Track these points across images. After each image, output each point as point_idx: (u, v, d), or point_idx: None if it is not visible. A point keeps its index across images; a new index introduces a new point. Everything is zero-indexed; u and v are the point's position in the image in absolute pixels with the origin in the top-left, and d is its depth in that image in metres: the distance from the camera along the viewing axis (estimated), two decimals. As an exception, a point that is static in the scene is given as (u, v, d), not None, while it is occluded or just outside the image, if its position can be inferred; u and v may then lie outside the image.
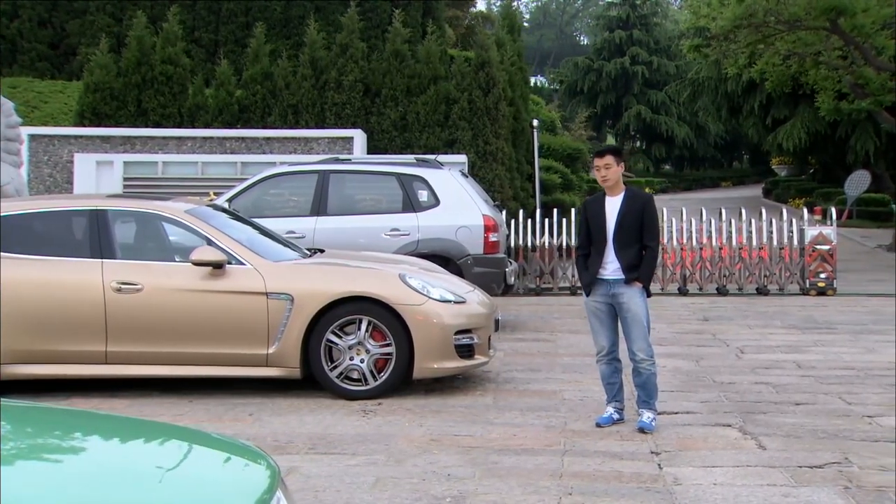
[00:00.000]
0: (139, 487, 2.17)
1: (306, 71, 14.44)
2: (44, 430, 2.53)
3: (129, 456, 2.42)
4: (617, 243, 5.74)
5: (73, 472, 2.23)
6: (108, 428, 2.64)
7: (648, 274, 5.82)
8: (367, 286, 6.67)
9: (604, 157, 5.74)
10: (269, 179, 9.95)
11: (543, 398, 6.64)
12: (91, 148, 13.56)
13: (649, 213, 5.79)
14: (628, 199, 5.78)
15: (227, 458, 2.48)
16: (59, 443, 2.44)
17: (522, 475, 4.80)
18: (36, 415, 2.71)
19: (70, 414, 2.90)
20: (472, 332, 6.81)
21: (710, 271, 13.09)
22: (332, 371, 6.66)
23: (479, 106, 14.27)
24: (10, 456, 2.24)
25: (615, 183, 5.77)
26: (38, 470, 2.23)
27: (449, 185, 9.80)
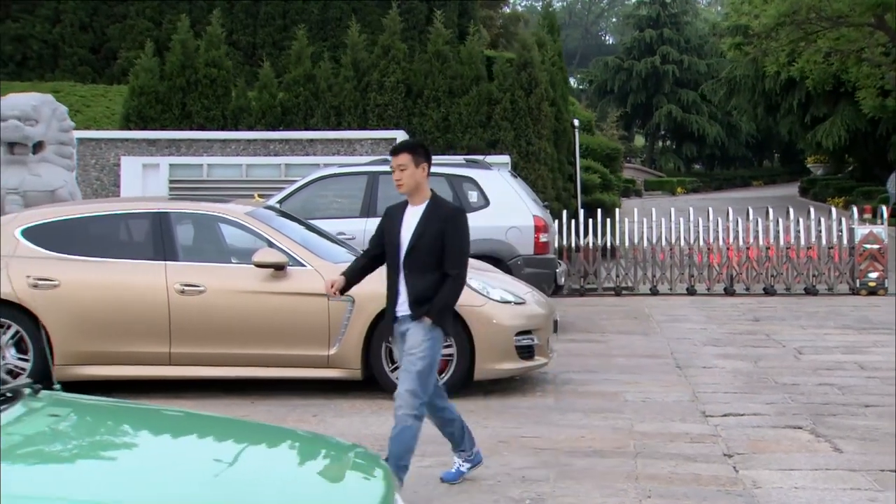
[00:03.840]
0: (270, 490, 2.17)
1: (348, 73, 14.47)
2: (174, 432, 2.54)
3: (254, 459, 2.43)
4: (407, 268, 4.52)
5: (200, 475, 2.23)
6: (226, 431, 2.65)
7: (442, 306, 4.50)
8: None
9: (398, 156, 4.55)
10: (318, 181, 9.98)
11: (605, 400, 6.60)
12: (137, 151, 13.67)
13: (454, 233, 4.52)
14: (429, 211, 4.51)
15: (346, 460, 2.48)
16: (184, 445, 2.45)
17: (597, 477, 4.77)
18: (161, 419, 2.72)
19: (189, 417, 2.91)
20: (532, 333, 6.79)
21: (757, 271, 12.95)
22: (392, 372, 6.66)
23: (522, 106, 14.24)
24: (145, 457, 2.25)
25: (414, 189, 4.53)
26: (189, 473, 2.23)
27: (498, 185, 9.78)
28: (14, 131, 9.56)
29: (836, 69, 20.59)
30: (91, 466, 2.26)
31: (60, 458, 2.31)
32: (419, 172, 4.55)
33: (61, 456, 2.33)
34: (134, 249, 6.78)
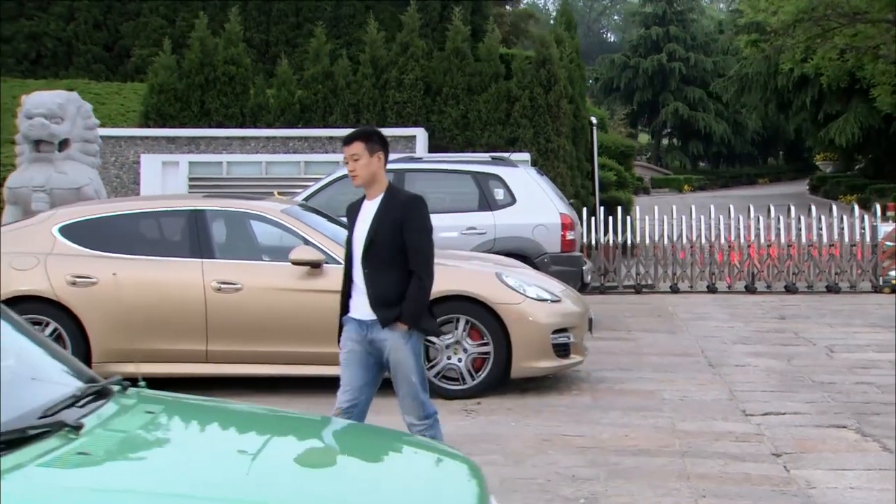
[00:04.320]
0: (375, 490, 2.16)
1: (367, 70, 14.45)
2: (268, 431, 2.53)
3: (355, 459, 2.42)
4: (367, 266, 4.18)
5: (316, 473, 2.22)
6: (313, 430, 2.64)
7: (414, 311, 4.18)
8: (465, 285, 6.65)
9: (350, 145, 4.21)
10: (344, 179, 9.94)
11: (642, 398, 6.58)
12: (157, 149, 13.67)
13: (414, 225, 4.16)
14: (385, 202, 4.19)
15: (439, 461, 2.46)
16: (286, 444, 2.44)
17: (647, 476, 4.75)
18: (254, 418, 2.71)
19: (272, 415, 2.90)
20: (568, 332, 6.77)
21: (779, 269, 12.91)
22: (429, 370, 6.64)
23: (541, 103, 14.20)
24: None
25: (369, 180, 4.20)
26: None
27: (525, 183, 9.75)
28: (41, 129, 9.56)
29: (851, 66, 20.52)
30: (215, 465, 2.26)
31: (180, 456, 2.31)
32: (374, 162, 4.20)
33: (179, 453, 2.33)
34: (170, 247, 6.77)
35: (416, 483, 2.24)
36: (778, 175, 57.14)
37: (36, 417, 2.25)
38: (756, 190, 47.12)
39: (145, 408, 2.52)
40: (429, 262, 4.27)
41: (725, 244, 13.08)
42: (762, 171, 58.28)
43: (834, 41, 19.16)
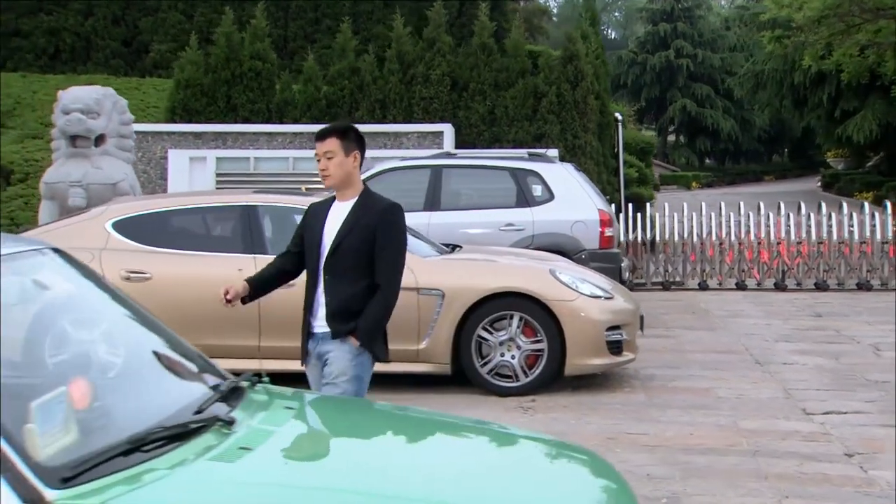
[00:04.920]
0: (528, 490, 2.12)
1: (393, 65, 14.40)
2: (406, 428, 2.50)
3: (489, 455, 2.39)
4: (328, 272, 3.78)
5: (467, 473, 2.19)
6: (453, 427, 2.62)
7: (371, 327, 3.76)
8: (519, 282, 6.61)
9: (324, 142, 3.81)
10: (380, 175, 9.91)
11: (697, 396, 6.54)
12: (184, 144, 13.63)
13: (388, 234, 3.80)
14: (360, 206, 3.81)
15: (586, 461, 2.43)
16: (428, 442, 2.41)
17: (723, 476, 4.71)
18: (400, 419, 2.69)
19: (402, 412, 2.88)
20: (621, 329, 6.73)
21: (809, 266, 12.86)
22: (482, 367, 6.62)
23: (568, 100, 14.15)
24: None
25: (343, 181, 3.82)
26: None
27: (563, 179, 9.71)
28: (77, 124, 9.52)
29: (871, 62, 20.43)
30: (373, 460, 2.24)
31: (335, 451, 2.29)
32: (349, 162, 3.81)
33: (334, 448, 2.31)
34: (223, 243, 6.74)
35: (569, 487, 2.21)
36: (783, 172, 56.99)
37: (191, 413, 2.23)
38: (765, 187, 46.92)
39: (283, 403, 2.51)
40: (398, 277, 3.88)
41: (755, 241, 13.03)
42: (767, 168, 58.15)
43: (856, 37, 19.08)
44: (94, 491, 1.86)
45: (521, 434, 2.70)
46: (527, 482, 2.14)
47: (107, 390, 2.30)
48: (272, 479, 2.04)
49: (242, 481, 2.02)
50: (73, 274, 2.56)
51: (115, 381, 2.39)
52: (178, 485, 1.94)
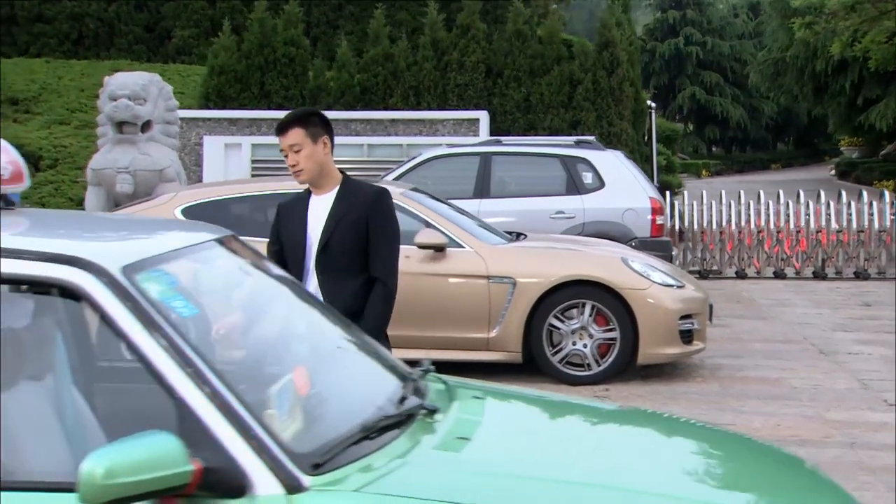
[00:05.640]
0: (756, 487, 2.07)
1: (427, 52, 14.30)
2: (599, 422, 2.45)
3: (694, 451, 2.33)
4: (322, 273, 3.50)
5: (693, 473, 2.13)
6: (651, 422, 2.58)
7: (380, 325, 3.58)
8: (592, 270, 6.55)
9: (286, 134, 3.46)
10: (429, 162, 9.84)
11: (771, 386, 6.48)
12: (218, 130, 13.56)
13: (381, 225, 3.52)
14: (344, 196, 3.49)
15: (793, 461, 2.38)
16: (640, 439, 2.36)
17: (829, 469, 4.63)
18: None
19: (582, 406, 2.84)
20: (692, 318, 6.67)
21: (849, 255, 12.78)
22: (554, 356, 6.56)
23: (604, 87, 14.05)
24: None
25: (317, 174, 3.48)
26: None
27: (613, 166, 9.64)
28: (125, 110, 9.45)
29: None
30: (586, 452, 2.20)
31: (547, 442, 2.26)
32: (320, 150, 3.45)
33: (544, 439, 2.28)
34: (292, 230, 6.67)
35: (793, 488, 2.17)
36: (789, 161, 56.75)
37: (395, 403, 2.19)
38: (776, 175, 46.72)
39: (468, 393, 2.48)
40: (396, 267, 3.64)
41: (794, 230, 12.95)
42: (773, 156, 57.94)
43: (885, 24, 18.94)
44: (344, 477, 1.84)
45: (697, 423, 2.65)
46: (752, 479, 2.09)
47: (313, 378, 2.25)
48: (501, 468, 2.01)
49: (476, 471, 1.99)
50: (248, 261, 2.51)
51: (316, 368, 2.35)
52: (419, 473, 1.92)
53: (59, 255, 1.95)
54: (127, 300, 1.90)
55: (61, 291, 2.00)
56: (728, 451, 2.41)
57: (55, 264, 1.93)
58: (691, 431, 2.58)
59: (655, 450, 2.33)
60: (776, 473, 2.26)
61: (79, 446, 2.22)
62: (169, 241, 2.27)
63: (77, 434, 2.28)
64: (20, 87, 17.89)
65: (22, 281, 2.01)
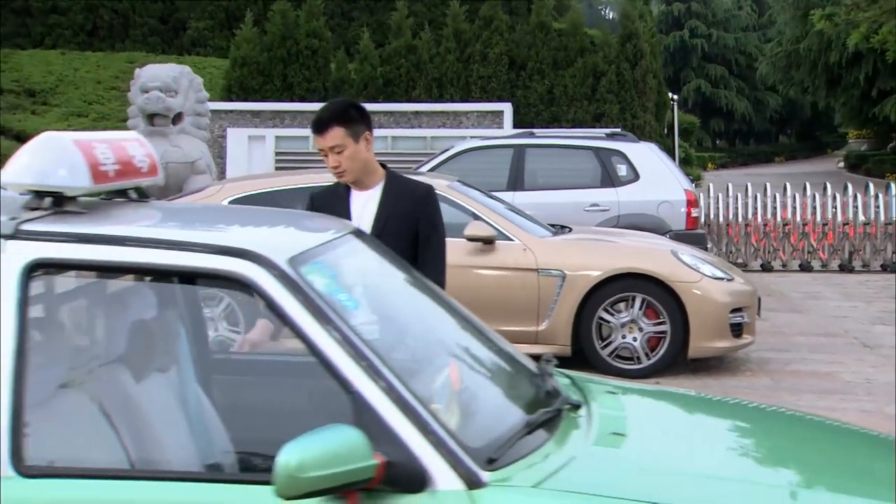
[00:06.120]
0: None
1: (450, 44, 14.24)
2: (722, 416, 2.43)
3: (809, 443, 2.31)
4: None
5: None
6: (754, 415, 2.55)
7: None
8: (643, 263, 6.51)
9: (324, 135, 3.16)
10: (461, 154, 9.78)
11: (823, 380, 6.44)
12: (242, 122, 13.50)
13: (431, 219, 3.35)
14: (390, 193, 3.27)
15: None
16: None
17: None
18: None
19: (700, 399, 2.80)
20: (742, 311, 6.62)
21: (877, 248, 12.73)
22: (603, 349, 6.52)
23: (627, 79, 14.00)
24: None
25: (361, 172, 3.23)
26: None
27: (648, 159, 9.59)
28: (157, 102, 9.39)
29: (916, 42, 20.20)
30: (733, 449, 2.17)
31: (693, 437, 2.24)
32: (362, 149, 3.17)
33: (688, 435, 2.25)
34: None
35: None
36: (793, 153, 56.63)
37: (540, 398, 2.15)
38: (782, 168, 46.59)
39: (600, 388, 2.45)
40: (445, 264, 3.45)
41: (821, 222, 12.89)
42: (777, 149, 57.82)
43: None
44: (517, 473, 1.81)
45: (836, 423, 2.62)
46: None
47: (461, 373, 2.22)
48: (663, 465, 1.99)
49: (643, 467, 1.96)
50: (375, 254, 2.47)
51: (461, 363, 2.31)
52: (590, 470, 1.89)
53: (229, 248, 1.93)
54: (297, 293, 1.88)
55: (231, 283, 1.99)
56: (869, 449, 2.37)
57: (225, 257, 1.91)
58: (815, 426, 2.54)
59: (795, 447, 2.29)
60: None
61: (202, 437, 2.21)
62: (316, 233, 2.24)
63: (201, 425, 2.27)
64: (37, 78, 17.83)
65: (192, 273, 1.99)
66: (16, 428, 1.81)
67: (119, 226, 2.03)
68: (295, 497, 1.68)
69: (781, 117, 57.24)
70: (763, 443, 2.31)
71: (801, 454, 2.21)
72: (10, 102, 16.64)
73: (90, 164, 2.03)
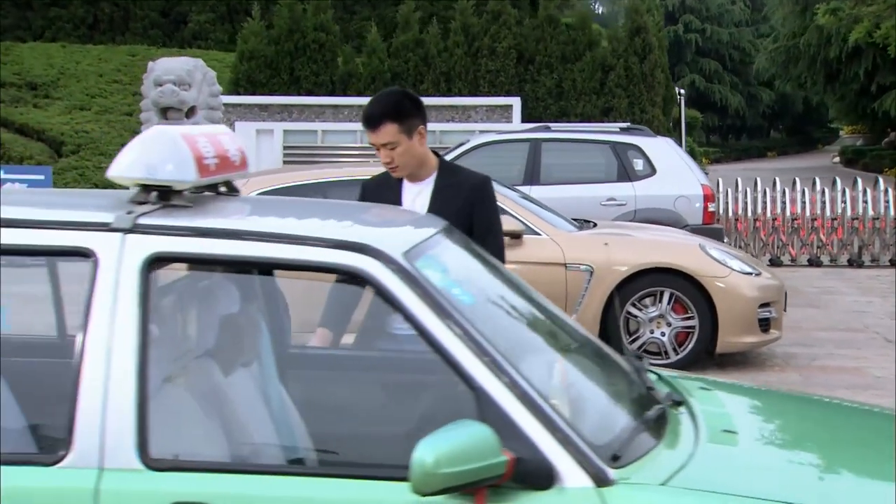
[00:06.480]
0: None
1: (458, 38, 14.18)
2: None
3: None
4: None
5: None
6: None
7: None
8: (672, 258, 6.48)
9: (377, 131, 3.02)
10: (477, 148, 9.73)
11: (853, 376, 6.42)
12: (249, 116, 13.42)
13: (487, 209, 3.22)
14: (445, 184, 3.17)
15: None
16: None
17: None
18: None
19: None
20: (770, 306, 6.60)
21: (887, 242, 12.74)
22: (631, 344, 6.48)
23: (636, 73, 13.97)
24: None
25: (417, 167, 3.14)
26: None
27: (665, 153, 9.57)
28: (171, 96, 9.35)
29: (918, 37, 20.23)
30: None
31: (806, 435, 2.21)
32: (416, 144, 3.07)
33: (804, 431, 2.22)
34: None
35: None
36: (784, 149, 56.73)
37: (642, 394, 2.12)
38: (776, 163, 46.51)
39: (693, 385, 2.42)
40: (503, 256, 3.29)
41: (830, 217, 12.90)
42: (768, 144, 57.93)
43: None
44: (641, 470, 1.79)
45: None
46: None
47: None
48: (781, 462, 1.95)
49: (765, 465, 1.94)
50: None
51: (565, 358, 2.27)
52: (713, 468, 1.86)
53: (346, 242, 1.91)
54: (416, 287, 1.85)
55: (347, 278, 1.96)
56: None
57: (342, 251, 1.90)
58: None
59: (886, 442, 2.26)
60: None
61: (286, 431, 2.19)
62: (419, 228, 2.21)
63: (284, 419, 2.25)
64: (38, 71, 17.71)
65: (308, 267, 1.96)
66: (141, 421, 1.80)
67: (230, 219, 2.01)
68: (430, 494, 1.67)
69: (774, 112, 57.36)
70: (859, 438, 2.28)
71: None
72: (12, 95, 16.53)
73: (196, 157, 2.00)
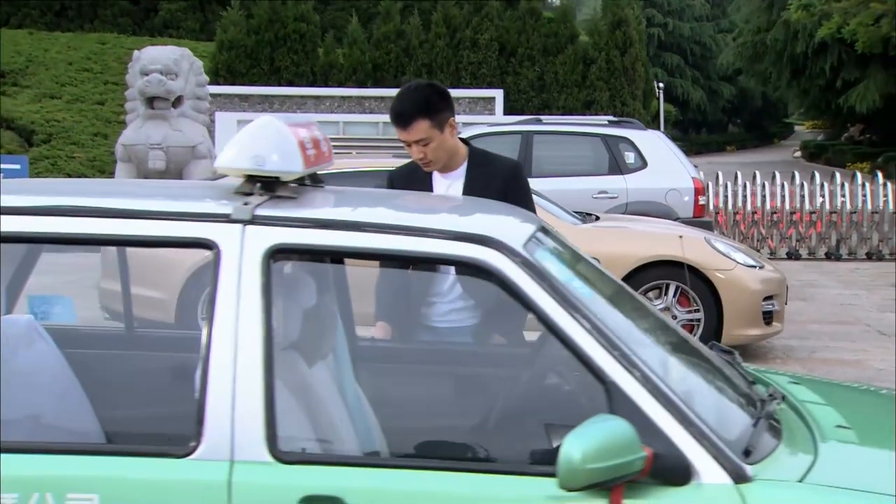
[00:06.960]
0: None
1: (440, 30, 14.10)
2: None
3: None
4: None
5: None
6: None
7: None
8: (678, 251, 6.49)
9: (409, 129, 2.95)
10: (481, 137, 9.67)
11: (856, 368, 6.49)
12: (229, 106, 13.23)
13: (521, 197, 3.05)
14: (477, 173, 3.10)
15: None
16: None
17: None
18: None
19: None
20: (773, 299, 6.65)
21: (864, 236, 12.92)
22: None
23: (617, 66, 14.00)
24: None
25: (449, 159, 3.07)
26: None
27: (655, 146, 9.60)
28: (158, 85, 9.16)
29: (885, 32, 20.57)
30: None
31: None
32: (448, 137, 3.02)
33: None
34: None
35: None
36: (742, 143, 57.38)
37: (744, 388, 2.10)
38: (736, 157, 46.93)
39: (783, 379, 2.40)
40: None
41: (809, 211, 13.05)
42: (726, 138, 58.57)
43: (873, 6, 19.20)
44: (774, 467, 1.77)
45: None
46: None
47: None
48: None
49: (887, 461, 1.91)
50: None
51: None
52: (844, 465, 1.85)
53: (469, 234, 1.88)
54: (542, 279, 1.82)
55: (469, 270, 1.94)
56: None
57: (464, 243, 1.86)
58: None
59: None
60: None
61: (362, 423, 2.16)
62: (526, 221, 2.16)
63: (359, 411, 2.20)
64: (6, 59, 17.31)
65: (430, 259, 1.91)
66: (269, 414, 1.76)
67: (343, 210, 1.96)
68: (576, 489, 1.65)
69: (733, 107, 58.00)
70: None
71: None
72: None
73: (301, 148, 1.94)
